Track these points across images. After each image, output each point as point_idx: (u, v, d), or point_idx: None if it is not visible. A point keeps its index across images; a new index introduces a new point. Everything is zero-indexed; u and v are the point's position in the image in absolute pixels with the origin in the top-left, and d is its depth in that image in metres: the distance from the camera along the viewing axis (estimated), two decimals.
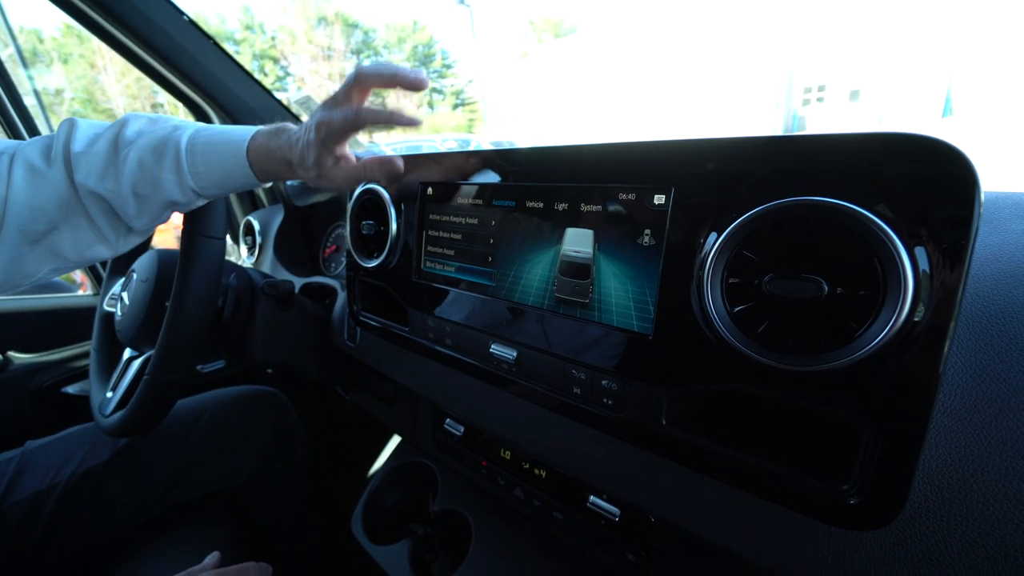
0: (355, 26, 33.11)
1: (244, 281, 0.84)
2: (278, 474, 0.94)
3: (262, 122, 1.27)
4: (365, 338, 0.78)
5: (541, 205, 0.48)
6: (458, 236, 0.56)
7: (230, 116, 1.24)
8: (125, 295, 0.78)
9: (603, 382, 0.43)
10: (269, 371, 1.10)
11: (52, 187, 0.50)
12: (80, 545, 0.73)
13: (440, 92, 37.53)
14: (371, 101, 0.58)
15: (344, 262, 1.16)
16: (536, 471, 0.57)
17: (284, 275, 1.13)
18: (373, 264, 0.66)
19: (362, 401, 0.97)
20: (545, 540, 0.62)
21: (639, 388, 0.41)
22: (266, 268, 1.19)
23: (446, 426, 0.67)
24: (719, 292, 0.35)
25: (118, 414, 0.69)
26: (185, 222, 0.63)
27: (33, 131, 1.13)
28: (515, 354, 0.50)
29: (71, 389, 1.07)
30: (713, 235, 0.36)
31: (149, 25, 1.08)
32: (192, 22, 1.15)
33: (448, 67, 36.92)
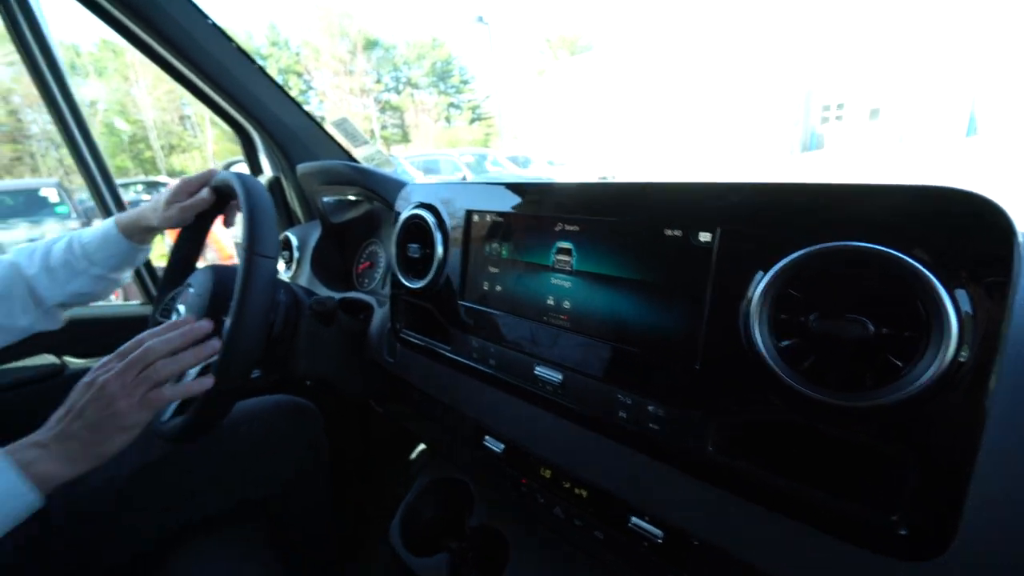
0: (376, 43, 33.98)
1: (291, 296, 0.88)
2: (310, 484, 0.97)
3: (298, 139, 1.32)
4: (405, 354, 0.81)
5: (586, 237, 0.51)
6: (503, 263, 0.60)
7: (270, 135, 1.31)
8: (181, 307, 0.82)
9: (649, 408, 0.45)
10: (308, 383, 1.14)
11: None
12: (129, 543, 0.77)
13: (458, 107, 38.15)
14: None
15: (377, 278, 1.20)
16: (577, 491, 0.59)
17: (320, 289, 1.18)
18: (418, 285, 0.69)
19: (395, 415, 1.00)
20: (582, 560, 0.63)
21: (685, 415, 0.43)
22: (303, 282, 1.23)
23: (485, 443, 0.70)
24: (766, 327, 0.38)
25: (177, 419, 0.73)
26: (244, 242, 0.68)
27: (91, 144, 1.20)
28: (561, 377, 0.53)
29: None
30: (759, 273, 0.38)
31: (198, 49, 1.15)
32: (239, 48, 1.21)
33: (465, 83, 37.59)
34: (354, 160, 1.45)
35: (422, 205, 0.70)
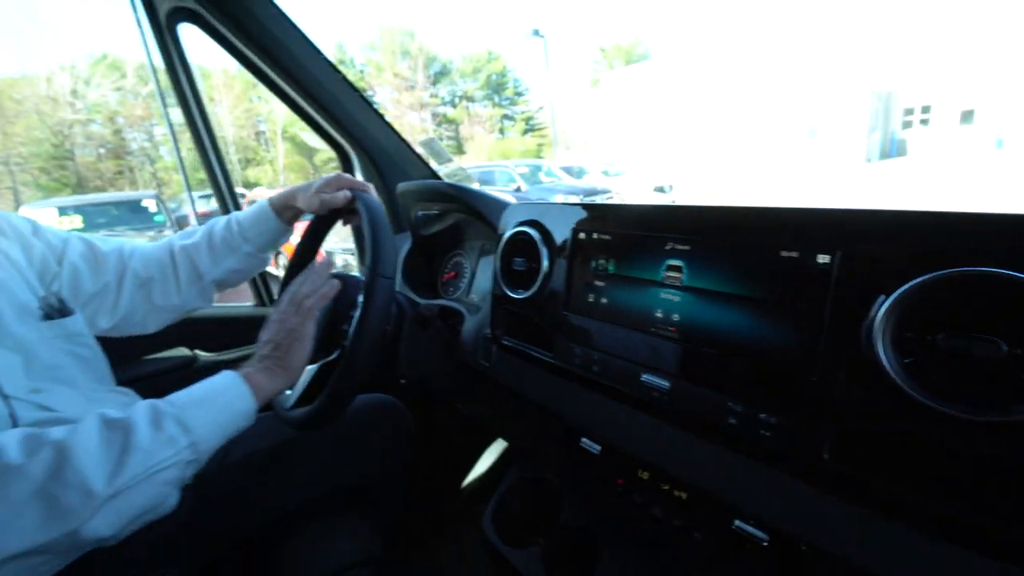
0: (434, 59, 35.26)
1: (396, 304, 0.97)
2: (399, 473, 1.05)
3: (391, 158, 1.43)
4: (501, 358, 0.88)
5: (697, 256, 0.55)
6: (610, 277, 0.65)
7: (367, 154, 1.44)
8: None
9: (761, 415, 0.49)
10: (402, 382, 1.24)
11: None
12: (257, 517, 0.87)
13: (511, 119, 38.73)
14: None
15: (461, 287, 1.29)
16: (676, 492, 0.63)
17: (410, 296, 1.28)
18: (523, 296, 0.76)
19: (479, 415, 1.07)
20: (673, 564, 0.66)
21: (800, 423, 0.46)
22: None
23: (582, 444, 0.74)
24: (890, 345, 0.40)
25: (302, 409, 0.83)
26: (368, 263, 0.77)
27: (220, 160, 1.37)
28: (668, 384, 0.57)
29: None
30: (881, 297, 0.41)
31: (312, 79, 1.29)
32: (345, 78, 1.35)
33: (519, 95, 38.13)
34: (438, 177, 1.56)
35: (528, 223, 0.76)
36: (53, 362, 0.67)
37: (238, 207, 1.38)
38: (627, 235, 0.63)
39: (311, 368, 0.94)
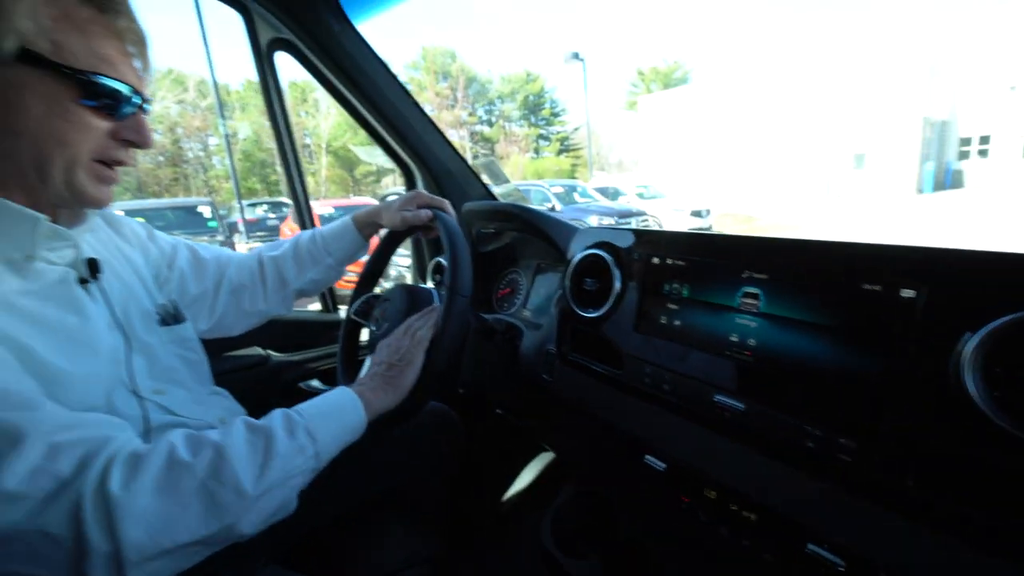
0: (473, 79, 36.25)
1: None
2: (452, 476, 1.09)
3: (453, 177, 1.50)
4: (564, 373, 0.92)
5: (775, 285, 0.58)
6: (683, 301, 0.68)
7: (431, 172, 1.52)
8: (380, 317, 0.99)
9: (841, 440, 0.51)
10: (460, 391, 1.29)
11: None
12: (329, 507, 0.91)
13: (547, 139, 39.21)
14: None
15: (517, 303, 1.34)
16: (745, 513, 0.64)
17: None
18: (593, 315, 0.80)
19: (538, 427, 1.11)
20: None
21: (883, 449, 0.48)
22: None
23: (646, 461, 0.77)
24: (980, 379, 0.42)
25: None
26: (448, 281, 0.82)
27: (300, 172, 1.48)
28: (743, 406, 0.60)
29: (304, 384, 1.36)
30: (967, 332, 0.43)
31: (387, 102, 1.39)
32: (415, 102, 1.45)
33: (556, 115, 38.63)
34: (493, 196, 1.64)
35: (602, 245, 0.81)
36: (169, 364, 0.73)
37: (313, 220, 1.48)
38: (703, 262, 0.67)
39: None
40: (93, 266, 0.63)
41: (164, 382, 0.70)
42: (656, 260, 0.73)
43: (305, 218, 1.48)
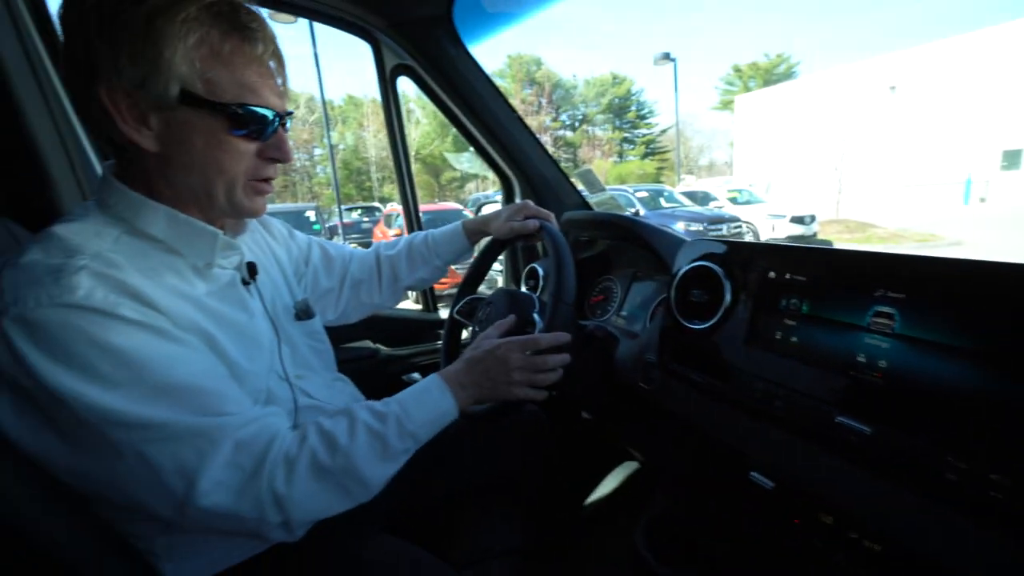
0: (558, 84, 36.37)
1: None
2: (538, 478, 1.13)
3: (550, 187, 1.54)
4: (664, 383, 0.92)
5: (916, 305, 0.55)
6: (802, 317, 0.66)
7: (529, 182, 1.59)
8: (484, 319, 1.07)
9: (992, 476, 0.47)
10: (552, 394, 1.34)
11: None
12: (419, 497, 0.94)
13: (631, 142, 38.26)
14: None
15: (611, 311, 1.35)
16: (867, 543, 0.61)
17: None
18: (699, 327, 0.80)
19: (630, 434, 1.12)
20: None
21: None
22: None
23: (752, 478, 0.76)
24: None
25: (479, 407, 0.95)
26: (552, 289, 0.86)
27: (411, 181, 1.62)
28: (869, 430, 0.57)
29: (406, 376, 1.49)
30: None
31: (492, 115, 1.47)
32: (519, 117, 1.52)
33: (642, 118, 37.56)
34: (588, 205, 1.66)
35: (712, 257, 0.81)
36: (304, 353, 0.82)
37: (421, 224, 1.61)
38: (828, 278, 0.65)
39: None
40: (252, 269, 0.73)
41: (302, 369, 0.80)
42: (773, 274, 0.71)
43: (413, 221, 1.62)
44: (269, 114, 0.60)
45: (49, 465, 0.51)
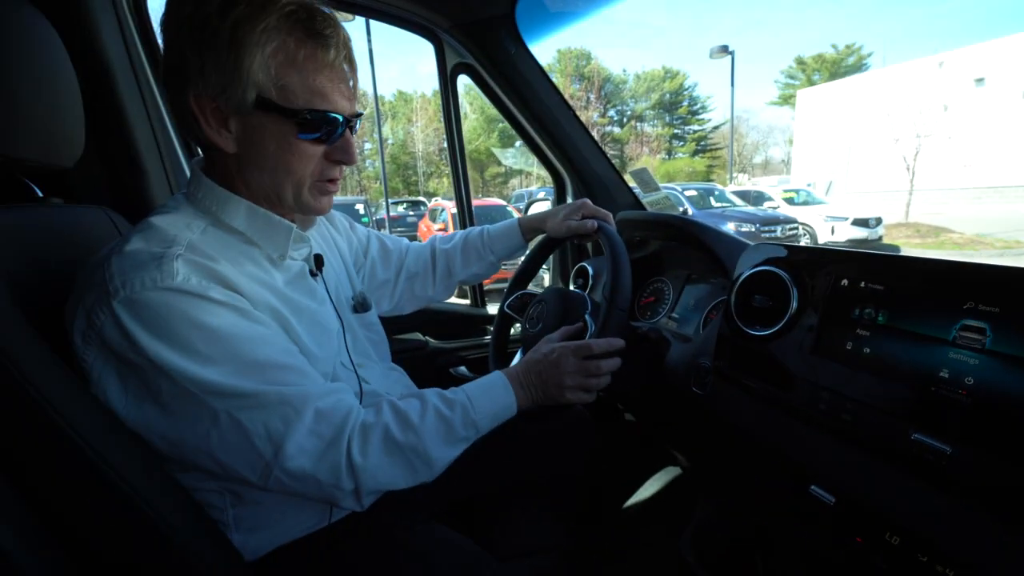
0: (607, 79, 35.70)
1: None
2: (581, 478, 1.13)
3: (603, 185, 1.52)
4: (717, 388, 0.90)
5: (1011, 320, 0.52)
6: (877, 327, 0.63)
7: (582, 180, 1.58)
8: (535, 316, 1.08)
9: None
10: (600, 394, 1.34)
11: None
12: (448, 492, 0.92)
13: (682, 139, 37.07)
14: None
15: (661, 313, 1.33)
16: (939, 568, 0.58)
17: None
18: (760, 333, 0.78)
19: (678, 439, 1.10)
20: None
21: None
22: None
23: (812, 491, 0.73)
24: None
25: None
26: (606, 293, 0.85)
27: (466, 177, 1.65)
28: (950, 449, 0.54)
29: (453, 370, 1.53)
30: None
31: (548, 114, 1.48)
32: (575, 114, 1.52)
33: (694, 114, 36.30)
34: (641, 204, 1.64)
35: (777, 261, 0.78)
36: (362, 343, 0.86)
37: (474, 219, 1.64)
38: (909, 288, 0.61)
39: None
40: (319, 260, 0.78)
41: (361, 357, 0.84)
42: (846, 282, 0.68)
43: (466, 217, 1.66)
44: (338, 118, 0.62)
45: (150, 435, 0.56)
